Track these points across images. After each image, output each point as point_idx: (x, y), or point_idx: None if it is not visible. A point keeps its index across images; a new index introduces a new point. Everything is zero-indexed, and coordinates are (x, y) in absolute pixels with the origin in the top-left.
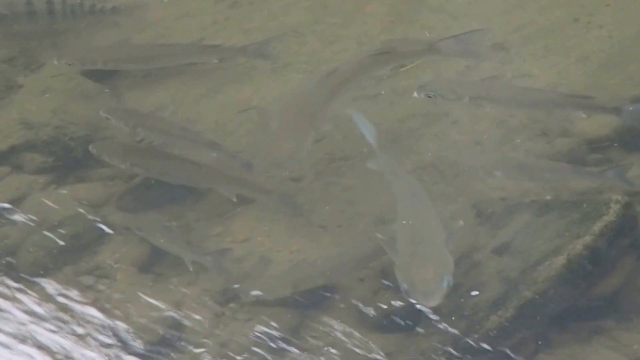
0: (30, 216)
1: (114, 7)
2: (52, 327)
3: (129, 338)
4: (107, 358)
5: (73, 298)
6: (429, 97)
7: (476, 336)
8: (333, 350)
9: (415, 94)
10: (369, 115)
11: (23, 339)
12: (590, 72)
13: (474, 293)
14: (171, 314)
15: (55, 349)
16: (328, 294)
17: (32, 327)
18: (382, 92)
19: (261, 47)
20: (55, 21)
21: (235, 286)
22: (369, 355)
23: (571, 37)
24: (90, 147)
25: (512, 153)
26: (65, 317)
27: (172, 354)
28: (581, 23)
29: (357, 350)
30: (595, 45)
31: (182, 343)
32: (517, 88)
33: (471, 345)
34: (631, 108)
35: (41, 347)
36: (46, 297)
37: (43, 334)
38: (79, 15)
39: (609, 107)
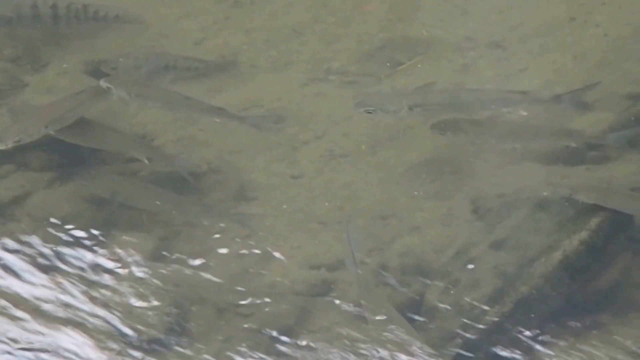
0: (35, 213)
1: (117, 15)
2: (57, 323)
3: (131, 334)
4: (111, 355)
5: (78, 294)
6: (369, 112)
7: (473, 331)
8: (331, 345)
9: (354, 109)
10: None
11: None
12: (586, 70)
13: (470, 266)
14: (174, 310)
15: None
16: (325, 289)
17: (36, 325)
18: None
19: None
20: (60, 26)
21: None
22: (367, 350)
23: (567, 35)
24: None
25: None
26: (71, 312)
27: (171, 352)
28: (577, 22)
29: (356, 345)
30: (591, 44)
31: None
32: (453, 91)
33: (469, 339)
34: (568, 96)
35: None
36: (50, 294)
37: (47, 330)
38: (82, 20)
39: (547, 98)
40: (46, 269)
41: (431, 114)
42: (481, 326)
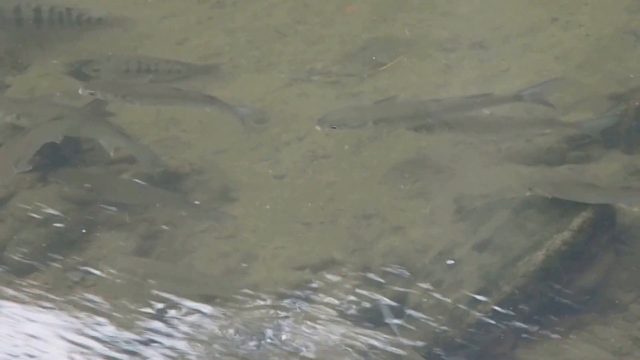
0: (18, 213)
1: (100, 18)
2: (40, 323)
3: (115, 333)
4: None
5: (61, 294)
6: (333, 128)
7: (457, 331)
8: (315, 345)
9: (318, 128)
10: None
11: (12, 336)
12: (568, 71)
13: (450, 262)
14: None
15: (43, 345)
16: (309, 290)
17: (22, 324)
18: None
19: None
20: (43, 29)
21: None
22: (352, 349)
23: (550, 36)
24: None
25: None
26: (53, 312)
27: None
28: (560, 22)
29: (340, 344)
30: (573, 44)
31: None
32: (416, 103)
33: (452, 339)
34: (529, 92)
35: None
36: (34, 293)
37: (31, 329)
38: (66, 24)
39: (509, 96)
40: (28, 270)
41: (396, 126)
42: (464, 326)
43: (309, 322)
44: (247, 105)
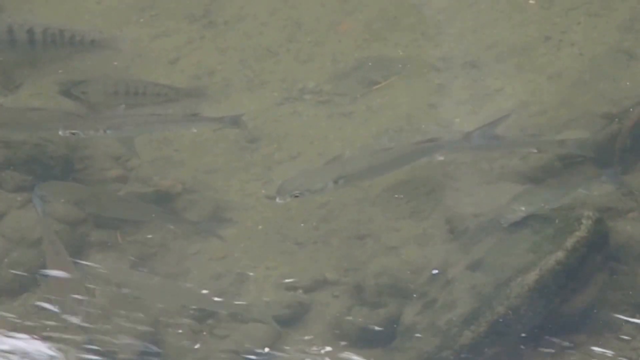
0: (9, 234)
1: (93, 40)
2: (31, 343)
3: (108, 354)
4: None
5: (52, 315)
6: (295, 196)
7: (450, 351)
8: None
9: (278, 200)
10: (343, 132)
11: (4, 355)
12: (561, 90)
13: (435, 271)
14: (150, 330)
15: None
16: (302, 311)
17: (12, 341)
18: None
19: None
20: (36, 50)
21: None
22: None
23: (543, 55)
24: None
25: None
26: (44, 333)
27: None
28: (553, 41)
29: None
30: (566, 63)
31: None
32: (368, 155)
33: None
34: (478, 132)
35: None
36: (25, 314)
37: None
38: (59, 45)
39: (459, 139)
40: (20, 290)
41: (355, 181)
42: (457, 347)
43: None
44: (235, 131)
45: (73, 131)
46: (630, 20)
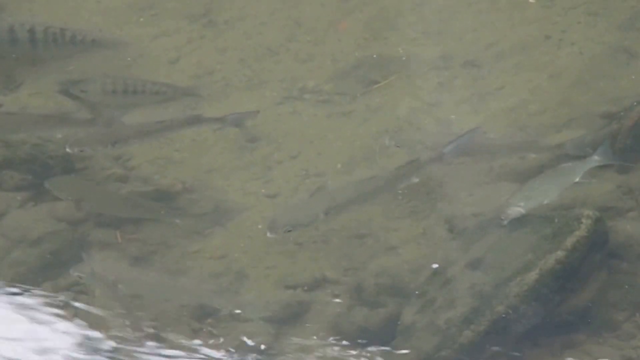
0: (8, 233)
1: (94, 39)
2: (31, 344)
3: (108, 354)
4: None
5: (52, 314)
6: (288, 231)
7: (450, 351)
8: None
9: (269, 235)
10: (343, 131)
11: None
12: (561, 89)
13: (435, 265)
14: (150, 329)
15: None
16: (301, 310)
17: (10, 344)
18: None
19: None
20: (37, 49)
21: None
22: None
23: (543, 54)
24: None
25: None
26: (45, 332)
27: None
28: (553, 40)
29: None
30: (566, 62)
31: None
32: (352, 185)
33: (445, 359)
34: (450, 147)
35: None
36: (25, 313)
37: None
38: (60, 44)
39: (435, 157)
40: (20, 290)
41: (344, 209)
42: (457, 346)
43: (300, 343)
44: (235, 131)
45: (81, 148)
46: (630, 20)
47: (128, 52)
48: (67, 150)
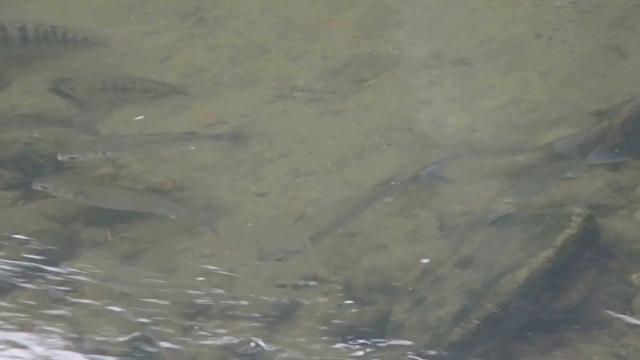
0: None
1: (86, 37)
2: (21, 341)
3: (97, 352)
4: None
5: (42, 312)
6: (278, 260)
7: (440, 349)
8: None
9: (258, 263)
10: (334, 129)
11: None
12: (552, 87)
13: (425, 260)
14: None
15: None
16: (292, 308)
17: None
18: None
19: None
20: (28, 47)
21: None
22: None
23: (534, 52)
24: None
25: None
26: (34, 331)
27: None
28: (544, 38)
29: None
30: (557, 60)
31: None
32: (337, 210)
33: (435, 358)
34: (427, 171)
35: None
36: (15, 311)
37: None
38: (51, 42)
39: (409, 179)
40: (9, 288)
41: (327, 235)
42: (447, 344)
43: (291, 342)
44: (225, 127)
45: (72, 155)
46: (621, 18)
47: (119, 50)
48: (58, 157)
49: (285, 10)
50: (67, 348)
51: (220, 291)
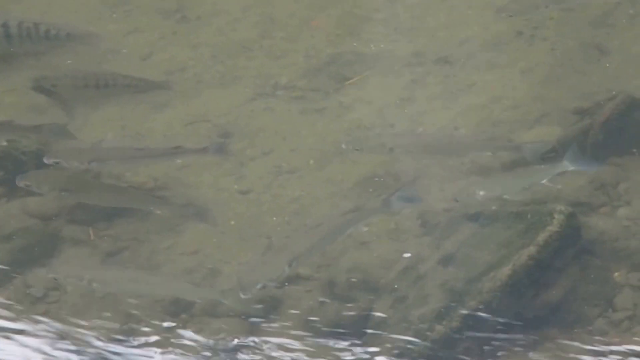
0: None
1: (69, 34)
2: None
3: (78, 350)
4: None
5: (23, 310)
6: (263, 288)
7: (422, 346)
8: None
9: (242, 296)
10: (316, 127)
11: None
12: (533, 84)
13: (406, 255)
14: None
15: None
16: (274, 305)
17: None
18: None
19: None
20: (11, 44)
21: None
22: None
23: (515, 50)
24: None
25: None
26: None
27: None
28: (525, 36)
29: (306, 358)
30: (538, 58)
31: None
32: (315, 235)
33: (417, 355)
34: (395, 196)
35: None
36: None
37: None
38: (34, 39)
39: (379, 209)
40: None
41: (305, 261)
42: (429, 342)
43: (273, 340)
44: (207, 125)
45: (56, 160)
46: (602, 16)
47: (102, 47)
48: (44, 160)
49: (267, 9)
50: (49, 345)
51: (203, 289)
